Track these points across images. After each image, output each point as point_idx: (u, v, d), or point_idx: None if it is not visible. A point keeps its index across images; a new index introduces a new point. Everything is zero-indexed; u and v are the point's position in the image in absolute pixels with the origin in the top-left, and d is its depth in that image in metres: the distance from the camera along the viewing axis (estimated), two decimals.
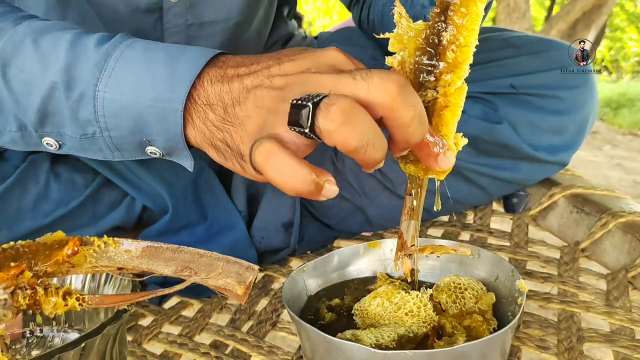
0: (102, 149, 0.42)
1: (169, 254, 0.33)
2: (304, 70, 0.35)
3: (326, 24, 9.39)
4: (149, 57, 0.39)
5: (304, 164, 0.31)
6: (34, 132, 0.43)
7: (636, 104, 5.18)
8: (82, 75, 0.39)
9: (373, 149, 0.31)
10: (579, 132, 0.66)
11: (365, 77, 0.31)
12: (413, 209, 0.40)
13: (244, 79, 0.36)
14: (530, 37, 0.66)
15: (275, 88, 0.35)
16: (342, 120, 0.30)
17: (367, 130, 0.30)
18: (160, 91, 0.38)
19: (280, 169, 0.31)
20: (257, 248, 0.64)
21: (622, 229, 0.59)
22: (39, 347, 0.41)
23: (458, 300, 0.43)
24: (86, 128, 0.41)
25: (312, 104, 0.30)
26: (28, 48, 0.40)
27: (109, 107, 0.39)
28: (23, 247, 0.33)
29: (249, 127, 0.35)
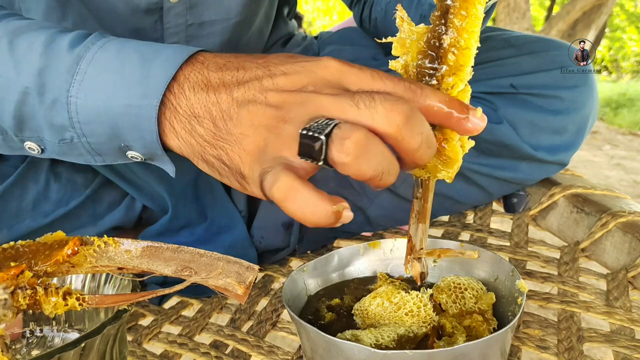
0: (83, 154, 0.41)
1: (169, 254, 0.33)
2: (300, 88, 0.34)
3: (326, 24, 9.39)
4: (122, 59, 0.37)
5: (324, 198, 0.30)
6: (14, 136, 0.41)
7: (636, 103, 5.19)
8: (55, 80, 0.38)
9: (388, 175, 0.31)
10: (579, 132, 0.66)
11: (369, 105, 0.31)
12: (420, 212, 0.40)
13: (233, 90, 0.35)
14: (530, 37, 0.66)
15: (271, 106, 0.33)
16: (357, 154, 0.29)
17: (382, 161, 0.30)
18: (133, 97, 0.36)
19: (302, 205, 0.30)
20: (257, 248, 0.64)
21: (622, 228, 0.59)
22: (39, 347, 0.41)
23: (458, 300, 0.43)
24: (63, 134, 0.39)
25: (324, 137, 0.29)
26: (3, 51, 0.39)
27: (83, 113, 0.37)
28: (23, 247, 0.33)
29: (248, 146, 0.34)
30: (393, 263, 0.52)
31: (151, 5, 0.56)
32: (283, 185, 0.30)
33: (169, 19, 0.57)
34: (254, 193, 0.35)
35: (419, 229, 0.40)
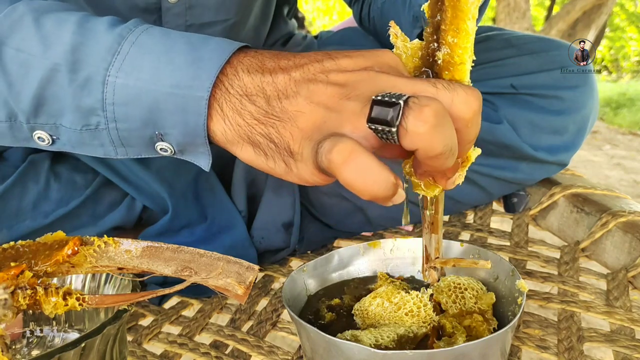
0: (104, 144, 0.38)
1: (169, 254, 0.33)
2: (366, 68, 0.33)
3: (326, 24, 9.39)
4: (169, 43, 0.35)
5: (386, 167, 0.29)
6: (24, 123, 0.38)
7: (636, 103, 5.19)
8: (91, 58, 0.35)
9: (452, 156, 0.31)
10: (579, 132, 0.66)
11: (449, 87, 0.31)
12: (432, 222, 0.40)
13: (291, 71, 0.34)
14: (531, 37, 0.66)
15: (333, 84, 0.32)
16: (434, 123, 0.28)
17: (453, 138, 0.30)
18: (182, 78, 0.34)
19: (363, 170, 0.29)
20: (257, 248, 0.64)
21: (622, 228, 0.59)
22: (39, 347, 0.41)
23: (458, 300, 0.43)
24: (89, 118, 0.36)
25: (403, 102, 0.29)
26: (28, 27, 0.36)
27: (121, 94, 0.35)
28: (23, 247, 0.33)
29: (302, 123, 0.32)
30: (393, 263, 0.52)
31: (150, 5, 0.56)
32: (346, 148, 0.29)
33: (167, 19, 0.57)
34: (299, 174, 0.33)
35: (432, 239, 0.41)
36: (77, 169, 0.62)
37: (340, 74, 0.33)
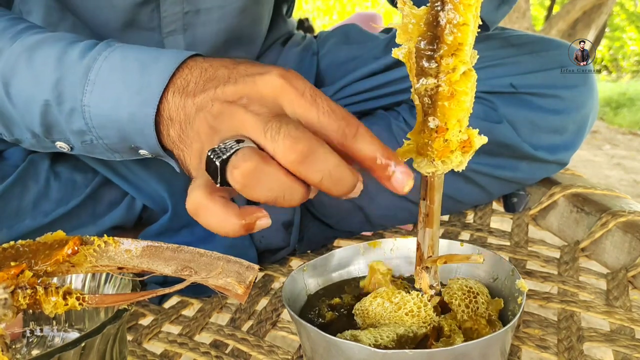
0: (103, 152, 0.45)
1: (169, 254, 0.33)
2: (236, 100, 0.35)
3: (326, 24, 9.39)
4: (124, 68, 0.41)
5: (231, 212, 0.32)
6: (45, 139, 0.46)
7: (636, 103, 5.19)
8: (70, 90, 0.42)
9: (283, 200, 0.32)
10: (579, 131, 0.66)
11: (274, 137, 0.32)
12: (427, 214, 0.38)
13: (196, 96, 0.37)
14: (531, 37, 0.66)
15: (212, 115, 0.35)
16: (244, 183, 0.31)
17: (274, 188, 0.32)
18: (135, 106, 0.40)
19: (208, 221, 0.33)
20: (257, 247, 0.64)
21: (622, 228, 0.59)
22: (39, 347, 0.41)
23: (472, 305, 0.43)
24: (83, 137, 0.44)
25: (220, 162, 0.32)
26: (22, 67, 0.43)
27: (96, 120, 0.42)
28: (23, 247, 0.33)
29: (194, 150, 0.37)
30: (393, 263, 0.52)
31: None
32: (192, 202, 0.33)
33: (165, 8, 0.57)
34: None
35: (426, 235, 0.38)
36: (77, 168, 0.62)
37: (219, 105, 0.36)
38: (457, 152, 0.35)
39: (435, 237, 0.38)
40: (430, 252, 0.39)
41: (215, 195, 0.33)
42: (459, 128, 0.34)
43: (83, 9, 0.57)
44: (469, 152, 0.35)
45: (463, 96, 0.33)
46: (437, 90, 0.33)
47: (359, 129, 0.34)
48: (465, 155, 0.35)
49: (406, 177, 0.34)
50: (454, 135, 0.34)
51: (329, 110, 0.34)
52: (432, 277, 0.41)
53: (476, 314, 0.42)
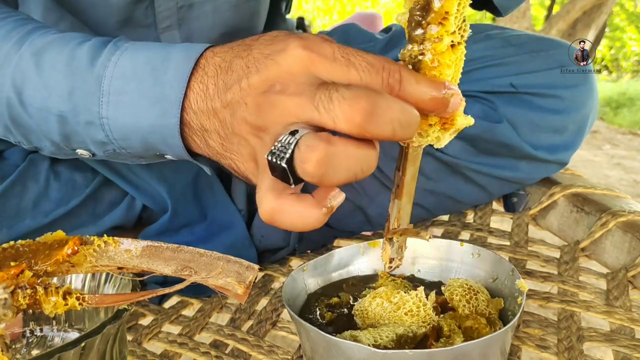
0: (128, 159, 0.44)
1: (169, 254, 0.33)
2: (269, 88, 0.33)
3: (326, 24, 9.39)
4: (137, 75, 0.39)
5: (309, 205, 0.30)
6: (65, 147, 0.45)
7: (636, 103, 5.19)
8: (84, 102, 0.40)
9: (362, 174, 0.30)
10: (578, 131, 0.66)
11: (328, 108, 0.30)
12: (398, 185, 0.36)
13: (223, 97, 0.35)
14: (530, 36, 0.66)
15: (250, 113, 0.33)
16: (320, 173, 0.29)
17: (352, 165, 0.30)
18: (155, 117, 0.38)
19: (290, 222, 0.31)
20: (257, 247, 0.64)
21: (622, 228, 0.59)
22: (39, 347, 0.41)
23: (472, 301, 0.43)
24: (106, 147, 0.42)
25: (285, 163, 0.29)
26: (33, 74, 0.41)
27: (117, 132, 0.40)
28: (23, 247, 0.33)
29: (246, 156, 0.35)
30: None
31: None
32: (265, 210, 0.31)
33: (159, 3, 0.57)
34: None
35: (394, 206, 0.37)
36: (77, 168, 0.62)
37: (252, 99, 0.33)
38: (436, 127, 0.34)
39: (404, 210, 0.37)
40: (397, 224, 0.38)
41: (285, 195, 0.31)
42: None
43: (79, 8, 0.57)
44: (449, 130, 0.34)
45: (446, 69, 0.32)
46: (421, 58, 0.32)
47: (402, 73, 0.31)
48: (444, 132, 0.34)
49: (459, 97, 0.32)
50: None
51: (367, 66, 0.32)
52: (395, 250, 0.40)
53: (477, 310, 0.43)
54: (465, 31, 0.32)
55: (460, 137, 0.62)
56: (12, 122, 0.44)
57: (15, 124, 0.44)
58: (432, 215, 0.71)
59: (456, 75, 0.33)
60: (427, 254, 0.51)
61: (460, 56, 0.33)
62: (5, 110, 0.43)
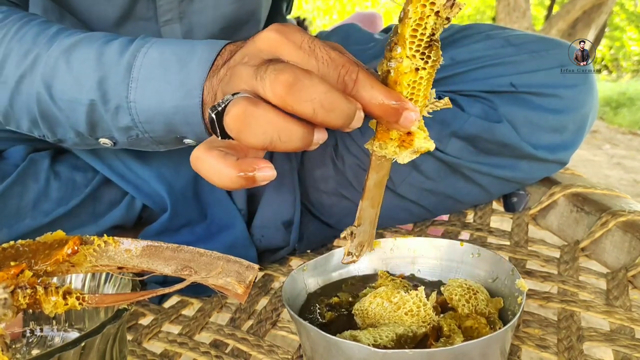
0: (149, 145, 0.47)
1: (169, 253, 0.33)
2: (239, 61, 0.36)
3: (326, 23, 9.39)
4: (164, 64, 0.42)
5: (228, 163, 0.32)
6: (89, 137, 0.48)
7: (636, 103, 5.19)
8: (114, 89, 0.43)
9: (280, 142, 0.32)
10: (578, 130, 0.66)
11: (262, 76, 0.32)
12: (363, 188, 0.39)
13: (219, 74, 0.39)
14: (530, 36, 0.66)
15: (225, 82, 0.37)
16: (236, 128, 0.32)
17: (267, 130, 0.32)
18: (179, 99, 0.42)
19: (207, 172, 0.33)
20: (257, 247, 0.64)
21: (622, 228, 0.59)
22: (39, 347, 0.41)
23: (471, 300, 0.43)
24: (129, 132, 0.46)
25: (215, 114, 0.34)
26: (63, 70, 0.45)
27: (142, 115, 0.44)
28: (23, 247, 0.33)
29: None
30: (393, 262, 0.52)
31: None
32: (192, 157, 0.34)
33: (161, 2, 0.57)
34: None
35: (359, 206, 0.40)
36: (77, 168, 0.62)
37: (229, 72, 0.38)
38: (394, 143, 0.36)
39: (365, 212, 0.40)
40: (358, 222, 0.40)
41: (212, 149, 0.33)
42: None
43: (79, 5, 0.57)
44: (407, 149, 0.36)
45: (404, 89, 0.34)
46: (387, 75, 0.34)
47: (359, 75, 0.33)
48: (402, 150, 0.36)
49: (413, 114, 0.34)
50: None
51: (328, 60, 0.33)
52: (354, 246, 0.43)
53: (476, 310, 0.43)
54: (431, 59, 0.33)
55: (460, 137, 0.62)
56: (40, 116, 0.47)
57: (44, 118, 0.47)
58: (432, 215, 0.71)
59: (418, 98, 0.34)
60: (427, 254, 0.51)
61: (422, 81, 0.34)
62: (34, 105, 0.46)
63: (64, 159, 0.62)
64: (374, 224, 0.41)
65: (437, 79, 0.63)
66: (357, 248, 0.43)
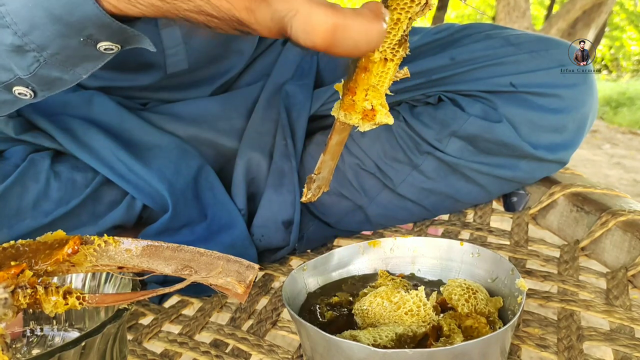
0: (62, 75, 0.38)
1: (169, 253, 0.33)
2: None
3: None
4: None
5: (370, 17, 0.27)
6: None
7: (636, 102, 5.19)
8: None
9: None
10: (578, 130, 0.66)
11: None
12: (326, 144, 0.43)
13: None
14: (530, 36, 0.66)
15: None
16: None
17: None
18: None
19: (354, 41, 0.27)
20: (257, 246, 0.64)
21: (622, 227, 0.59)
22: (39, 346, 0.41)
23: (471, 300, 0.43)
24: (25, 57, 0.36)
25: None
26: None
27: (21, 21, 0.33)
28: (23, 246, 0.33)
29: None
30: (393, 262, 0.52)
31: None
32: (325, 29, 0.27)
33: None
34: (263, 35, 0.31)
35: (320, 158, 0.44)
36: (77, 168, 0.62)
37: None
38: (359, 115, 0.40)
39: (325, 164, 0.44)
40: (318, 171, 0.44)
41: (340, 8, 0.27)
42: (364, 97, 0.38)
43: None
44: (370, 122, 0.40)
45: (371, 76, 0.38)
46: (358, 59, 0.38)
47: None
48: (364, 121, 0.40)
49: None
50: (359, 101, 0.39)
51: None
52: (313, 188, 0.46)
53: (476, 309, 0.43)
54: (399, 52, 0.37)
55: (461, 137, 0.62)
56: None
57: None
58: (432, 215, 0.71)
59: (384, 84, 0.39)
60: (427, 253, 0.52)
61: (389, 70, 0.38)
62: None
63: (64, 159, 0.62)
64: (331, 172, 0.45)
65: (437, 79, 0.64)
66: (316, 190, 0.46)
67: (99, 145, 0.62)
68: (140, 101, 0.70)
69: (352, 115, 0.40)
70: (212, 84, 0.71)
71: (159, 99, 0.70)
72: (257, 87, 0.72)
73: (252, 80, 0.73)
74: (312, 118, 0.69)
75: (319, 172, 0.45)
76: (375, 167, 0.66)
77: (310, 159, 0.68)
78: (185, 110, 0.69)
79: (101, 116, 0.65)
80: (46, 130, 0.62)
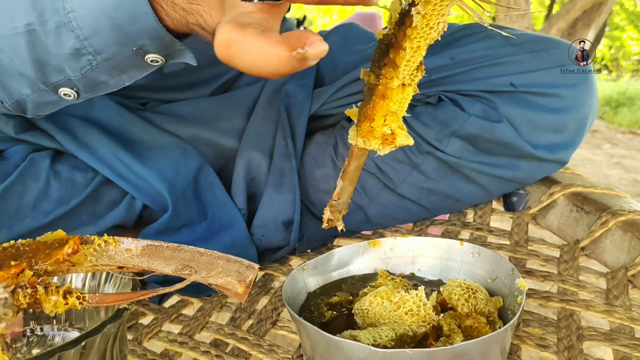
0: (109, 78, 0.41)
1: (169, 253, 0.33)
2: None
3: (326, 23, 9.39)
4: None
5: (274, 41, 0.27)
6: (44, 87, 0.42)
7: (636, 102, 5.19)
8: (49, 5, 0.36)
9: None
10: (578, 130, 0.66)
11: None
12: (344, 171, 0.43)
13: None
14: (530, 36, 0.66)
15: None
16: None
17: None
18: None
19: (248, 57, 0.27)
20: (257, 246, 0.64)
21: (622, 227, 0.59)
22: (39, 346, 0.41)
23: (471, 299, 0.43)
24: (81, 60, 0.38)
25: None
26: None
27: (85, 26, 0.36)
28: (23, 246, 0.33)
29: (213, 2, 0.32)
30: (393, 262, 0.52)
31: None
32: (222, 41, 0.28)
33: None
34: None
35: (338, 184, 0.44)
36: (77, 167, 0.62)
37: None
38: (378, 140, 0.39)
39: (345, 190, 0.43)
40: (337, 197, 0.44)
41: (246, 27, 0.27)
42: (383, 123, 0.38)
43: None
44: (390, 145, 0.39)
45: (391, 103, 0.37)
46: (375, 87, 0.37)
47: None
48: (384, 146, 0.39)
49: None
50: (378, 127, 0.38)
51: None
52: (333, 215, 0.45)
53: (476, 309, 0.43)
54: (417, 76, 0.36)
55: (461, 137, 0.63)
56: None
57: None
58: (432, 215, 0.71)
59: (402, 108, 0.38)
60: (427, 253, 0.52)
61: (407, 97, 0.37)
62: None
63: (64, 159, 0.62)
64: (350, 196, 0.45)
65: (437, 78, 0.63)
66: (336, 216, 0.45)
67: (99, 145, 0.62)
68: (140, 101, 0.70)
69: (371, 141, 0.39)
70: (212, 83, 0.71)
71: (159, 99, 0.70)
72: (257, 87, 0.72)
73: (252, 80, 0.73)
74: (312, 118, 0.69)
75: (339, 198, 0.44)
76: (376, 167, 0.66)
77: (310, 158, 0.68)
78: (186, 110, 0.69)
79: (101, 116, 0.65)
80: (46, 129, 0.62)
